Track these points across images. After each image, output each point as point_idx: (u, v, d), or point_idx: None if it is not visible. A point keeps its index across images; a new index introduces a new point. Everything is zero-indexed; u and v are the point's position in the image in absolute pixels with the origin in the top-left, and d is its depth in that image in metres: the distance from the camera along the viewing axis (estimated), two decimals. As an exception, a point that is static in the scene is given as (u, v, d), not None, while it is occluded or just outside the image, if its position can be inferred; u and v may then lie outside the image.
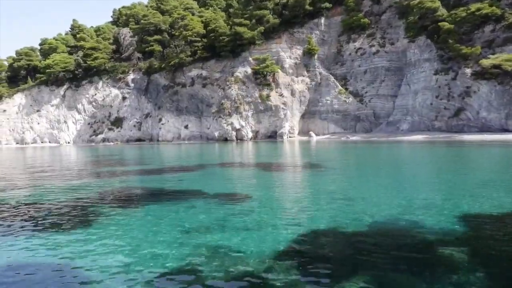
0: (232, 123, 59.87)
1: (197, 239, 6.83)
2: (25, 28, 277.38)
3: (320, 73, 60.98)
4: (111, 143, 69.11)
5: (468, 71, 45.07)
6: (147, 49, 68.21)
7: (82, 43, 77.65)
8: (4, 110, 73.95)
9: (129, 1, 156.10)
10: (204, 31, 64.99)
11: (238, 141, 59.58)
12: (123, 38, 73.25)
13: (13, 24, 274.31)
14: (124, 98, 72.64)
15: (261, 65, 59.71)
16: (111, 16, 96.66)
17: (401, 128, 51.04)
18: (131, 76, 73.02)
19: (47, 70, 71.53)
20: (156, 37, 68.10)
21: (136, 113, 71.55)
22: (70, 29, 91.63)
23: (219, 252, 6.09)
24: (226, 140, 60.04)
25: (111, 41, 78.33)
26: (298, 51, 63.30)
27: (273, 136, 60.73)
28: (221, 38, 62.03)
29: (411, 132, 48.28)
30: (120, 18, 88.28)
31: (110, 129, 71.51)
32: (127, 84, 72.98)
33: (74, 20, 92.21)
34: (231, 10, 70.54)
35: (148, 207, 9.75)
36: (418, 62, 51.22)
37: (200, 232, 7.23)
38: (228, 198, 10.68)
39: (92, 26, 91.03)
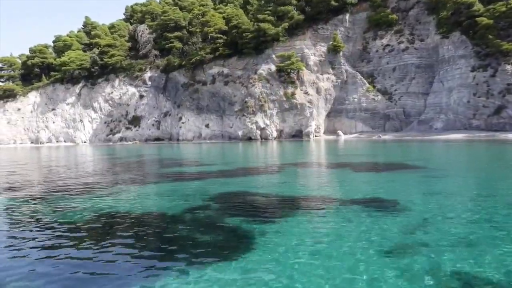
0: (256, 122, 58.30)
1: (406, 261, 5.20)
2: (35, 26, 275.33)
3: (346, 71, 59.40)
4: (129, 143, 67.53)
5: (509, 67, 43.52)
6: (167, 46, 66.57)
7: (97, 40, 76.09)
8: (19, 109, 72.32)
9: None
10: (226, 27, 63.32)
11: (263, 140, 58.03)
12: (140, 35, 71.55)
13: (21, 22, 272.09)
14: (141, 97, 71.05)
15: (286, 62, 58.10)
16: (124, 14, 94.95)
17: (435, 127, 49.46)
18: (148, 74, 71.43)
19: (63, 68, 69.91)
20: (176, 33, 66.50)
21: (154, 112, 69.95)
22: (82, 27, 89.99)
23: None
24: (250, 139, 58.47)
25: (126, 38, 76.66)
26: (323, 48, 61.73)
27: (297, 135, 59.15)
28: (244, 34, 60.40)
29: (446, 131, 46.68)
30: (134, 15, 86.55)
31: (127, 128, 69.92)
32: (144, 82, 71.39)
33: (86, 17, 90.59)
34: (248, 7, 68.99)
35: (294, 218, 8.06)
36: (453, 58, 49.62)
37: (402, 252, 5.60)
38: (376, 205, 9.07)
39: (103, 24, 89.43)
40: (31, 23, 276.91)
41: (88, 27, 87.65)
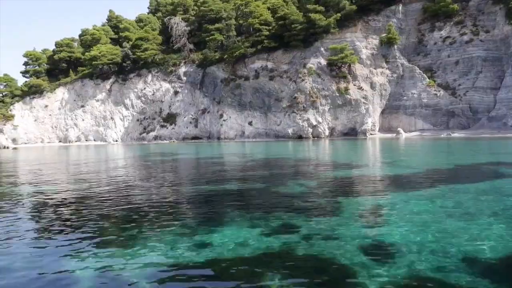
0: (308, 119, 54.55)
1: None
2: (54, 22, 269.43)
3: (402, 64, 55.68)
4: (165, 141, 63.68)
5: None
6: (207, 38, 62.60)
7: (126, 33, 72.24)
8: (46, 106, 68.39)
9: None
10: (272, 18, 59.52)
11: (315, 138, 54.29)
12: (175, 28, 67.61)
13: (41, 16, 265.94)
14: (176, 93, 67.21)
15: (339, 55, 54.32)
16: (148, 7, 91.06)
17: (510, 124, 45.81)
18: (182, 69, 67.60)
19: (93, 62, 65.93)
20: (218, 25, 62.56)
21: (191, 109, 66.10)
22: (106, 21, 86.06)
23: None
24: (300, 137, 54.72)
25: (156, 31, 72.77)
26: (374, 40, 58.01)
27: (350, 133, 55.47)
28: (292, 26, 56.59)
29: (526, 128, 43.06)
30: (161, 8, 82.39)
31: (162, 126, 66.05)
32: (179, 78, 67.56)
33: (110, 11, 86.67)
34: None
35: None
36: (528, 50, 45.99)
37: None
38: None
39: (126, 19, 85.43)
40: (51, 19, 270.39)
41: (113, 21, 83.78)
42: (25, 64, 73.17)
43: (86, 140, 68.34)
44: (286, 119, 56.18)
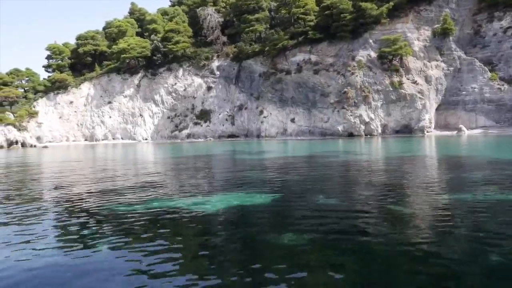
0: (360, 115, 50.81)
1: None
2: (73, 16, 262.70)
3: (459, 57, 51.94)
4: (200, 140, 59.85)
5: None
6: (246, 29, 58.73)
7: (154, 25, 68.38)
8: (71, 102, 64.48)
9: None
10: (317, 8, 55.75)
11: (367, 136, 50.53)
12: (208, 20, 63.73)
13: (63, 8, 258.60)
14: (209, 88, 63.42)
15: (392, 47, 50.56)
16: (170, 0, 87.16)
17: None
18: (216, 63, 63.81)
19: (122, 56, 62.01)
20: (258, 15, 58.67)
21: (225, 105, 62.29)
22: (129, 13, 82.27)
23: None
24: (351, 135, 50.95)
25: (185, 23, 68.87)
26: (426, 32, 54.30)
27: (403, 130, 51.72)
28: (341, 16, 52.81)
29: None
30: (187, 1, 78.43)
31: (196, 124, 62.19)
32: (211, 72, 63.77)
33: (132, 3, 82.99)
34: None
35: None
36: None
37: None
38: None
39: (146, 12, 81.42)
40: (70, 12, 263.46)
41: (136, 14, 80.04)
42: (48, 57, 69.22)
43: (113, 139, 64.49)
44: (335, 115, 52.41)
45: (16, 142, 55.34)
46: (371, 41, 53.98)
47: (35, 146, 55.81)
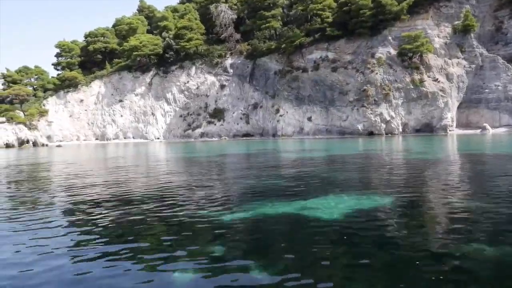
0: (381, 114, 49.71)
1: None
2: (81, 13, 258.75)
3: (481, 54, 50.85)
4: (214, 139, 58.66)
5: None
6: (262, 26, 57.56)
7: (165, 23, 67.10)
8: (81, 100, 63.25)
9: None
10: (335, 4, 54.62)
11: (388, 135, 49.44)
12: (222, 16, 62.52)
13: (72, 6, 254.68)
14: (222, 86, 62.25)
15: (413, 43, 49.43)
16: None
17: None
18: (229, 61, 62.65)
19: (134, 53, 60.78)
20: (274, 11, 57.49)
21: (239, 104, 61.13)
22: (137, 11, 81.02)
23: None
24: (371, 134, 49.85)
25: (198, 21, 67.59)
26: (447, 28, 53.23)
27: (423, 129, 50.59)
28: (360, 12, 51.68)
29: None
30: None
31: (209, 122, 61.01)
32: (225, 70, 62.60)
33: (141, 0, 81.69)
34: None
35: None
36: None
37: None
38: None
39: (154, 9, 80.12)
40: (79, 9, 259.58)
41: (145, 11, 78.82)
42: (57, 55, 67.95)
43: (125, 138, 63.29)
44: (354, 114, 51.29)
45: (27, 141, 54.08)
46: (390, 38, 52.88)
47: (47, 145, 54.60)
